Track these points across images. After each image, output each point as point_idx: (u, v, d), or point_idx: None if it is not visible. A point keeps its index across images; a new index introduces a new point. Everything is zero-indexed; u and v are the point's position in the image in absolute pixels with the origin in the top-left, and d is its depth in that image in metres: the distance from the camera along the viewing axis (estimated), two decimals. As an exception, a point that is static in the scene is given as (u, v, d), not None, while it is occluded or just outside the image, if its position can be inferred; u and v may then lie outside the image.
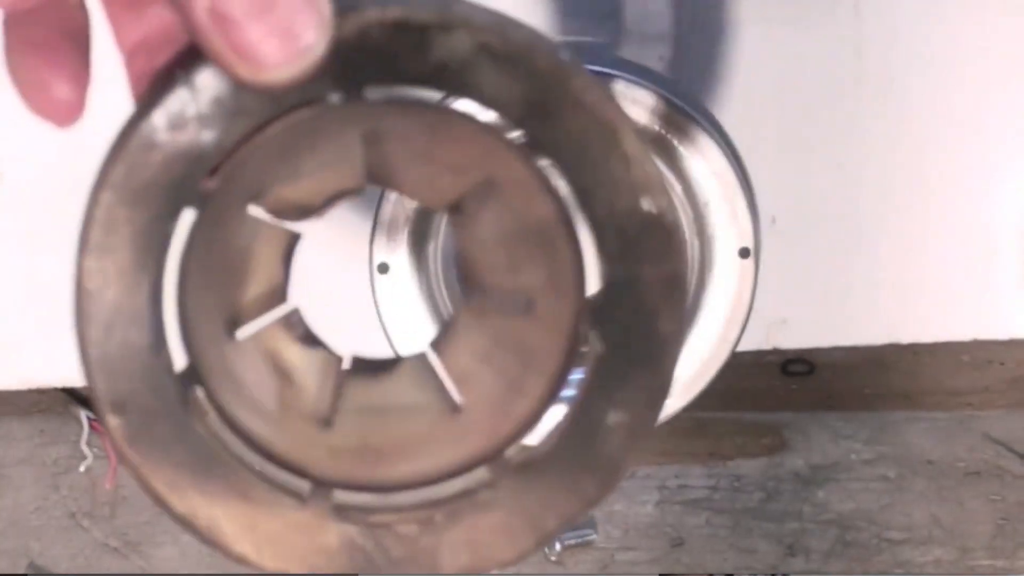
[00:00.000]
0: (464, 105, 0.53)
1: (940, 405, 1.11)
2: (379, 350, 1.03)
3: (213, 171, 0.52)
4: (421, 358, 0.60)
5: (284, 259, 0.60)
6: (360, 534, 0.57)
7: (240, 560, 0.57)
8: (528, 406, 0.58)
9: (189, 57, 0.49)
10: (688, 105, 0.98)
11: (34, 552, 0.97)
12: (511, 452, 0.58)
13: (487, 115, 0.54)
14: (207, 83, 0.50)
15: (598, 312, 0.55)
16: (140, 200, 0.52)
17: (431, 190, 0.58)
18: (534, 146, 0.53)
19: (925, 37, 1.01)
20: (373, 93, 0.52)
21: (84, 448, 1.04)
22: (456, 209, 0.57)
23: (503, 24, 0.51)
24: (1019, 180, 1.05)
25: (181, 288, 0.56)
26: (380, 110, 0.55)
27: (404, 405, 0.61)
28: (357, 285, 1.00)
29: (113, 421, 0.55)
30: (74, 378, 1.16)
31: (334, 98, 0.52)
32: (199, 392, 0.55)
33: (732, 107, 1.01)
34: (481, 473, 0.58)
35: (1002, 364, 1.11)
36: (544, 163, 0.54)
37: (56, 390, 1.14)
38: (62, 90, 0.49)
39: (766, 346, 1.09)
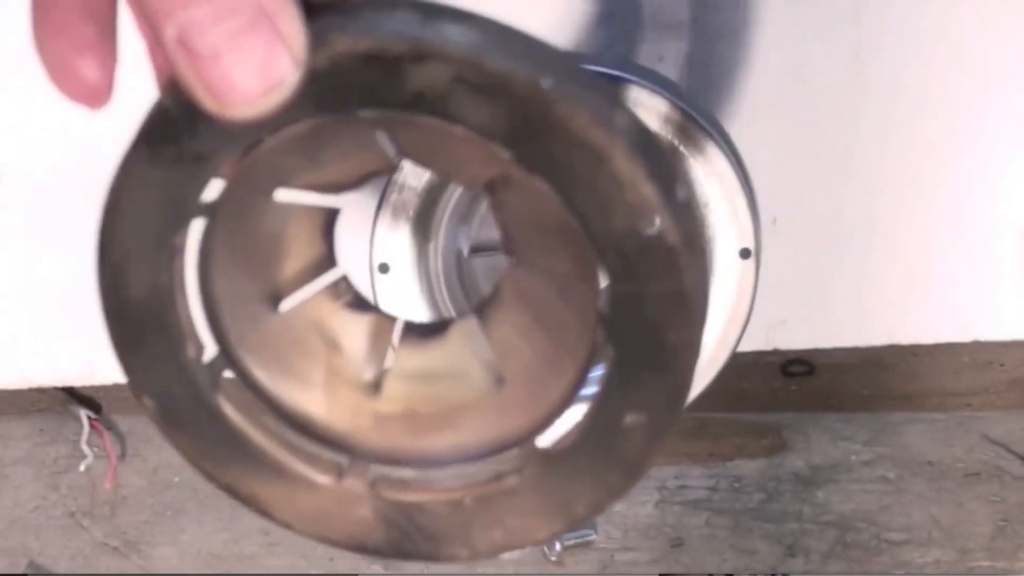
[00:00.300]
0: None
1: (940, 406, 1.11)
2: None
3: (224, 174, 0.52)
4: (469, 324, 0.60)
5: (324, 232, 0.59)
6: (395, 510, 0.58)
7: (286, 527, 0.57)
8: (561, 388, 0.58)
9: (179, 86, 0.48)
10: (688, 106, 0.98)
11: (34, 551, 0.96)
12: (540, 440, 0.58)
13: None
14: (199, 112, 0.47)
15: (608, 320, 0.54)
16: (148, 220, 0.52)
17: (460, 176, 0.58)
18: (527, 168, 0.52)
19: (923, 39, 1.01)
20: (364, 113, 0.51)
21: (84, 447, 1.04)
22: (491, 189, 0.55)
23: (480, 50, 0.49)
24: (1018, 181, 1.06)
25: (204, 278, 0.56)
26: (376, 123, 0.54)
27: (452, 372, 0.61)
28: (358, 285, 1.00)
29: (150, 403, 0.56)
30: (73, 377, 1.16)
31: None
32: (228, 376, 0.56)
33: (733, 109, 1.01)
34: (512, 456, 0.58)
35: (1002, 365, 1.11)
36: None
37: (56, 389, 1.14)
38: (90, 72, 0.48)
39: (766, 347, 1.09)
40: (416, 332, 0.61)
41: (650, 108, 0.95)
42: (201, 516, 1.00)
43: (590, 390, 0.55)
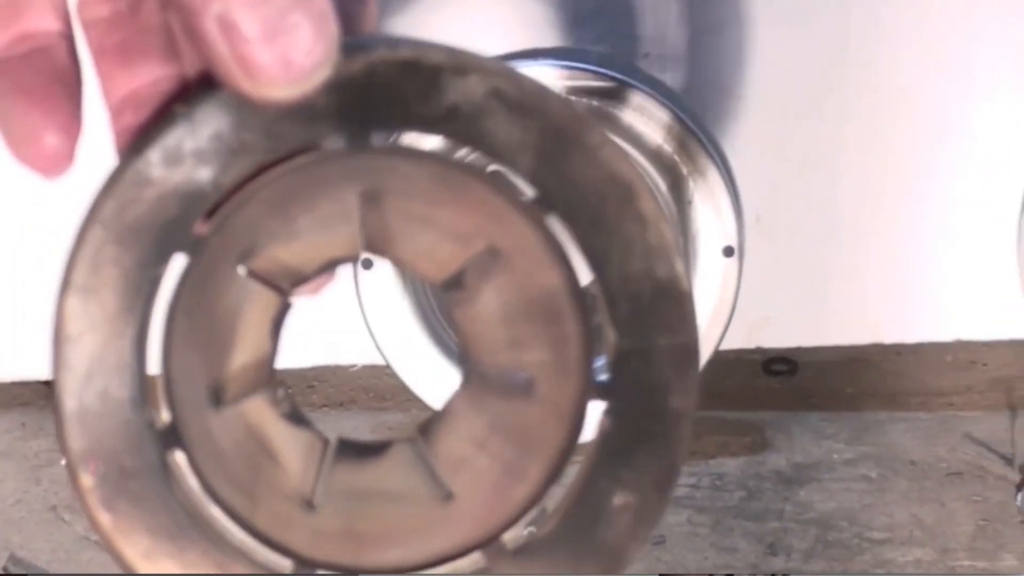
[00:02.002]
0: (471, 160, 0.51)
1: (923, 405, 1.11)
2: (361, 347, 1.03)
3: (208, 214, 0.50)
4: (411, 443, 0.56)
5: (273, 329, 0.56)
6: None
7: None
8: (526, 492, 0.54)
9: (189, 93, 0.48)
10: (672, 104, 0.98)
11: (14, 544, 0.96)
12: (508, 536, 0.54)
13: (494, 169, 0.51)
14: (207, 117, 0.49)
15: (605, 387, 0.51)
16: (130, 239, 0.50)
17: (431, 261, 0.54)
18: (545, 203, 0.50)
19: (912, 37, 1.01)
20: (377, 139, 0.50)
21: (65, 441, 1.03)
22: (456, 285, 0.53)
23: (516, 72, 0.48)
24: (1003, 182, 1.06)
25: (167, 343, 0.53)
26: (382, 162, 0.52)
27: (392, 491, 0.57)
28: (340, 281, 1.00)
29: (86, 481, 0.52)
30: (56, 371, 1.15)
31: (336, 144, 0.50)
32: (180, 456, 0.52)
33: (717, 107, 1.01)
34: (476, 559, 0.55)
35: (985, 365, 1.12)
36: (554, 225, 0.51)
37: (37, 383, 1.14)
38: (52, 140, 0.47)
39: (749, 345, 1.09)
40: (353, 451, 0.57)
41: (652, 116, 0.95)
42: (182, 510, 1.00)
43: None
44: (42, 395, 1.11)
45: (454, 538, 0.55)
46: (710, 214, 0.97)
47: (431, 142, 0.52)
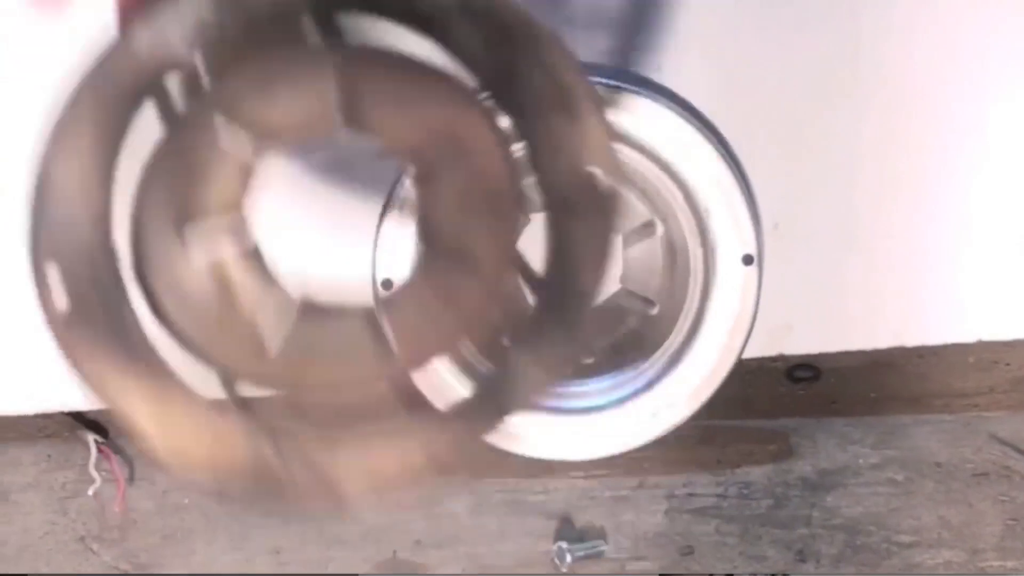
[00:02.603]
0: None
1: (946, 407, 1.11)
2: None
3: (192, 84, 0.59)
4: (367, 312, 0.67)
5: (243, 180, 0.63)
6: (270, 447, 0.61)
7: (155, 451, 0.61)
8: (460, 359, 0.69)
9: None
10: (686, 112, 0.98)
11: (44, 577, 0.97)
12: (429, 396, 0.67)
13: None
14: (192, 6, 0.56)
15: (530, 271, 0.63)
16: (111, 92, 0.57)
17: (400, 135, 0.62)
18: (497, 104, 0.59)
19: (922, 38, 1.01)
20: (352, 27, 0.59)
21: (92, 472, 1.04)
22: (422, 163, 0.62)
23: None
24: (1021, 180, 1.06)
25: (144, 183, 0.60)
26: (356, 54, 0.60)
27: (341, 351, 0.66)
28: (361, 301, 1.00)
29: (54, 303, 0.62)
30: (80, 402, 1.15)
31: (312, 37, 0.58)
32: (136, 280, 0.60)
33: (731, 112, 1.01)
34: (395, 405, 0.65)
35: (1007, 365, 1.11)
36: (504, 124, 0.61)
37: (62, 414, 1.14)
38: None
39: (771, 352, 1.09)
40: (315, 312, 0.66)
41: (664, 126, 0.95)
42: (211, 537, 1.00)
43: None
44: (67, 427, 1.11)
45: (389, 394, 0.66)
46: (728, 223, 0.98)
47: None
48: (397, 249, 0.98)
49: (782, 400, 1.11)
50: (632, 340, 1.05)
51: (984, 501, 1.01)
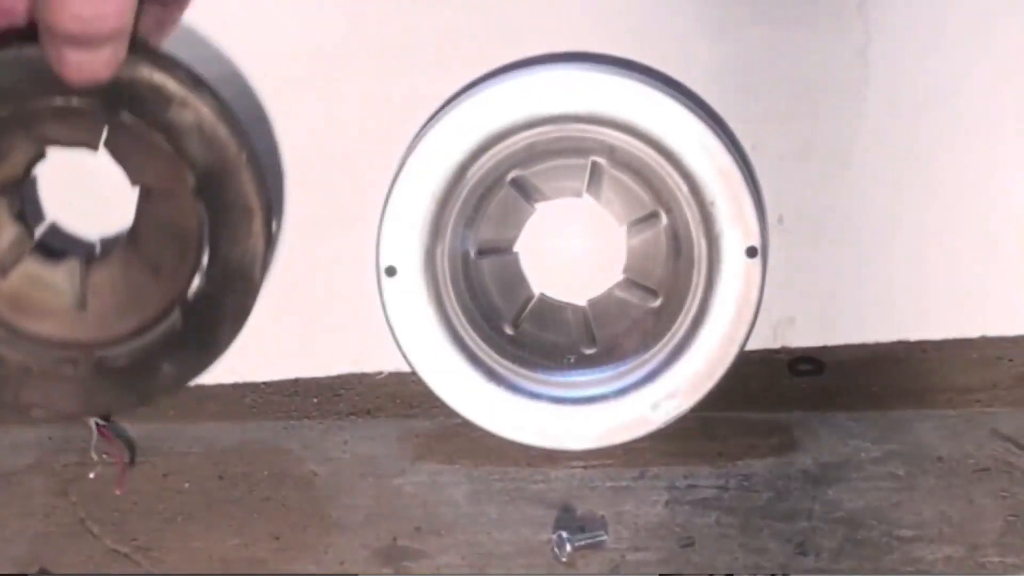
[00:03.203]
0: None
1: (949, 402, 1.11)
2: (387, 355, 1.03)
3: None
4: (73, 265, 0.97)
5: (27, 166, 0.96)
6: None
7: None
8: (138, 322, 0.94)
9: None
10: (693, 103, 0.98)
11: (44, 559, 0.97)
12: (102, 355, 0.95)
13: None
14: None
15: (187, 298, 0.92)
16: None
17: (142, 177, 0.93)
18: (200, 192, 0.91)
19: (930, 35, 1.01)
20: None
21: (93, 454, 1.04)
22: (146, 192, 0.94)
23: (221, 109, 0.89)
24: (1026, 176, 1.06)
25: None
26: (111, 119, 0.89)
27: (51, 286, 0.97)
28: (365, 288, 1.01)
29: None
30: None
31: (84, 104, 0.86)
32: None
33: (737, 106, 1.01)
34: (75, 354, 0.95)
35: (1011, 361, 1.11)
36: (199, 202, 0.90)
37: (64, 397, 1.14)
38: None
39: (774, 345, 1.09)
40: (47, 253, 0.98)
41: (670, 118, 0.95)
42: (212, 521, 1.00)
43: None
44: (69, 409, 1.11)
45: (75, 334, 0.96)
46: (732, 215, 0.97)
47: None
48: (402, 236, 0.98)
49: (784, 393, 1.11)
50: (634, 331, 1.05)
51: (985, 497, 1.01)
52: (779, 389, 1.11)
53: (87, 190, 1.00)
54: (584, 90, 0.95)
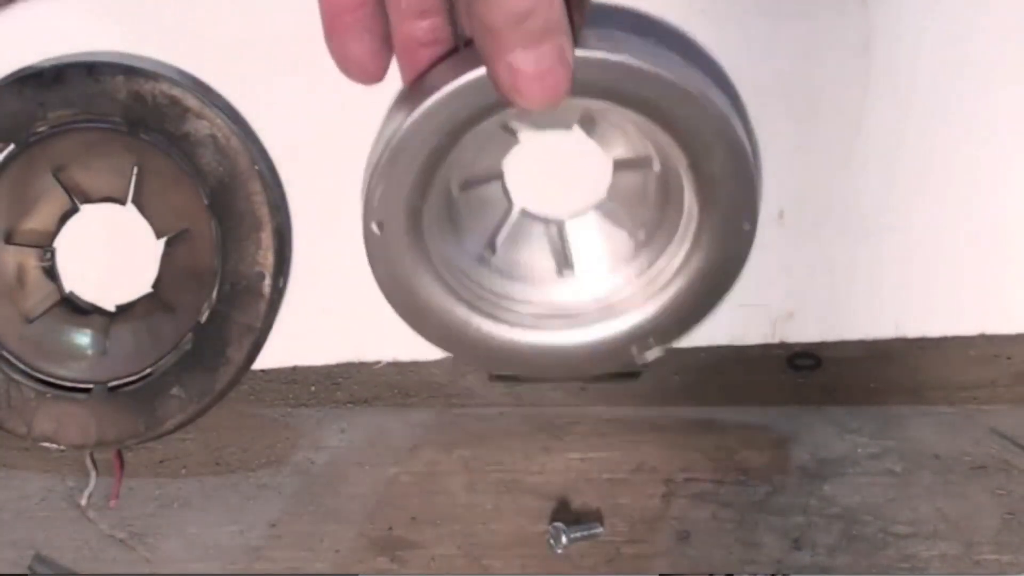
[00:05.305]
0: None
1: (946, 399, 1.11)
2: (385, 343, 1.03)
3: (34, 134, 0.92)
4: (97, 319, 1.00)
5: (60, 220, 0.99)
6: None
7: None
8: (155, 357, 0.99)
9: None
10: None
11: (39, 542, 0.97)
12: (116, 384, 0.99)
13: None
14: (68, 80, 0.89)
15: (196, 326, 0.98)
16: None
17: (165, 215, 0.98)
18: (212, 207, 0.94)
19: (933, 30, 1.01)
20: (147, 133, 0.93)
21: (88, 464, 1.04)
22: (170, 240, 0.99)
23: (226, 126, 0.93)
24: (1027, 174, 1.06)
25: None
26: (144, 146, 0.93)
27: (79, 338, 1.01)
28: (363, 276, 1.00)
29: None
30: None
31: (121, 127, 0.92)
32: None
33: (739, 101, 1.01)
34: (90, 385, 0.99)
35: (1009, 359, 1.11)
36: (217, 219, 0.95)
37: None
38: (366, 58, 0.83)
39: (772, 340, 1.09)
40: (75, 310, 1.02)
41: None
42: (207, 508, 1.00)
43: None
44: (66, 394, 1.11)
45: (98, 376, 1.00)
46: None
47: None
48: (387, 192, 0.95)
49: (782, 388, 1.11)
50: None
51: (982, 494, 1.01)
52: (777, 384, 1.11)
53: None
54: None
